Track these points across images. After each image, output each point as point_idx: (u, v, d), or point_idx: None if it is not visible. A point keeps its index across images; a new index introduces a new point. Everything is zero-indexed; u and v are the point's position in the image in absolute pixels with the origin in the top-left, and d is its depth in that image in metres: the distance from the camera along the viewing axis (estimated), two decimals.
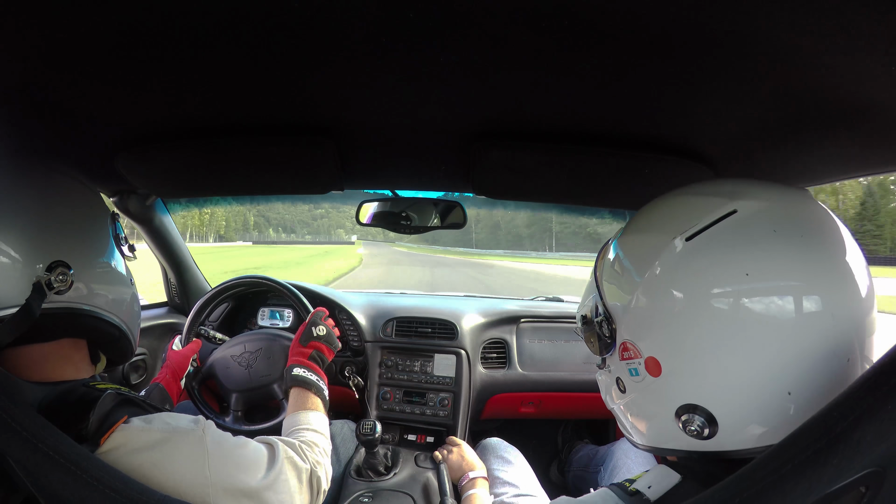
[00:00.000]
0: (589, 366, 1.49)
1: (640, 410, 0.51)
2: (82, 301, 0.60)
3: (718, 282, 0.41)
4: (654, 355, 0.45)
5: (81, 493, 0.40)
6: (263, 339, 1.23)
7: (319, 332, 0.96)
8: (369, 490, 1.06)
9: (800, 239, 0.41)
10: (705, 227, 0.43)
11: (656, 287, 0.45)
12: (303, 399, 0.83)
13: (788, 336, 0.39)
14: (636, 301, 0.47)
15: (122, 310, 0.67)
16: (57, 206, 0.61)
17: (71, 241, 0.61)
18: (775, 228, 0.41)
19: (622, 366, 0.50)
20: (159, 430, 0.54)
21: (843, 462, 0.28)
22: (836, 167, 0.75)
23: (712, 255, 0.42)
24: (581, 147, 0.80)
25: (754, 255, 0.41)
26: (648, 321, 0.46)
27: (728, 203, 0.44)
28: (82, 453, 0.43)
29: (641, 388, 0.48)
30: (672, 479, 0.46)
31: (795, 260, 0.41)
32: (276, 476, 0.60)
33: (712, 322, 0.41)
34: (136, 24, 0.49)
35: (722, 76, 0.56)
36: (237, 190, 1.16)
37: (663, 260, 0.45)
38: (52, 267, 0.57)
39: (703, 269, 0.42)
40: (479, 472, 1.05)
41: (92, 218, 0.66)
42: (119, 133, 0.81)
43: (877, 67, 0.48)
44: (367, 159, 0.95)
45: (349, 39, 0.53)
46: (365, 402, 1.41)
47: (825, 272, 0.41)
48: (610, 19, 0.46)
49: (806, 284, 0.40)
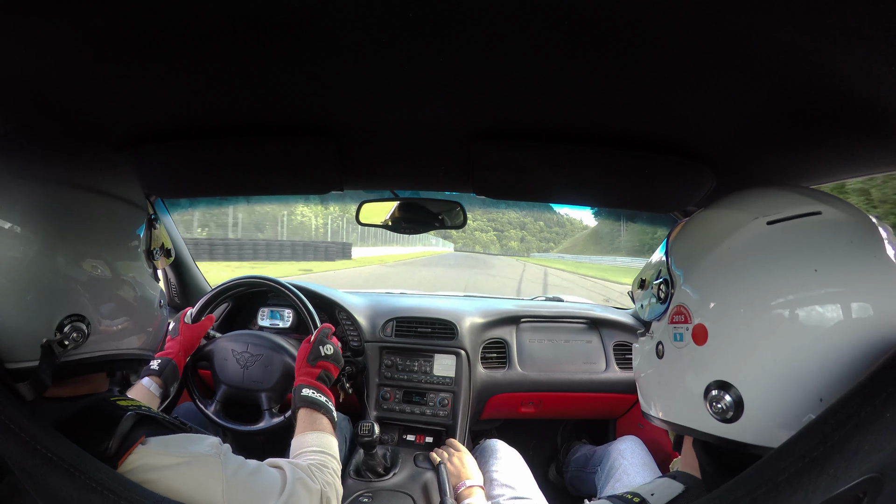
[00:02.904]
0: (589, 365, 1.49)
1: (670, 379, 0.51)
2: (102, 348, 0.57)
3: (787, 271, 0.42)
4: (704, 323, 0.46)
5: (80, 496, 0.40)
6: (267, 347, 1.24)
7: (327, 351, 0.95)
8: (369, 490, 1.06)
9: (872, 258, 0.42)
10: (789, 217, 0.45)
11: (725, 259, 0.47)
12: (312, 420, 0.82)
13: (835, 343, 0.40)
14: (702, 269, 0.49)
15: (147, 340, 0.64)
16: (74, 258, 0.54)
17: (89, 289, 0.55)
18: (852, 240, 0.43)
19: (668, 329, 0.52)
20: (176, 455, 0.54)
21: (840, 471, 0.27)
22: (836, 167, 0.75)
23: (788, 245, 0.44)
24: (581, 147, 0.80)
25: (828, 258, 0.42)
26: (709, 290, 0.47)
27: (815, 204, 0.45)
28: (81, 455, 0.43)
29: (680, 356, 0.49)
30: (675, 489, 0.47)
31: (864, 274, 0.41)
32: (288, 499, 0.60)
33: (770, 308, 0.42)
34: (136, 23, 0.49)
35: (722, 76, 0.56)
36: (237, 190, 1.16)
37: (740, 235, 0.46)
38: (62, 324, 0.52)
39: (775, 254, 0.44)
40: (475, 480, 1.05)
41: (116, 246, 0.59)
42: (119, 133, 0.81)
43: (877, 67, 0.48)
44: (367, 159, 0.95)
45: (349, 39, 0.53)
46: (365, 404, 1.41)
47: (889, 294, 0.41)
48: (609, 19, 0.46)
49: (867, 300, 0.41)
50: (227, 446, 0.60)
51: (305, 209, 26.19)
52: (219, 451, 0.58)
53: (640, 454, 1.21)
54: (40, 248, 0.51)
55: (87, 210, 0.56)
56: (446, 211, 1.18)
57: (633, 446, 1.24)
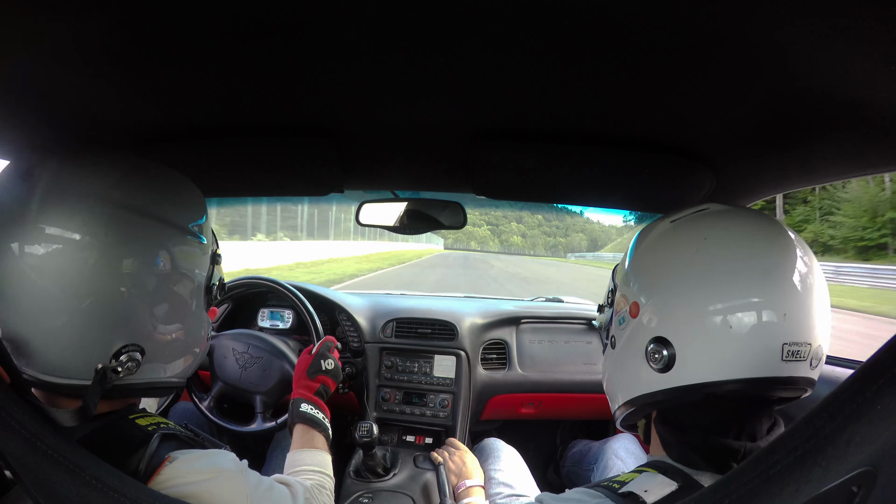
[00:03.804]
0: (589, 366, 1.49)
1: (622, 358, 0.62)
2: (148, 377, 0.58)
3: (683, 242, 0.57)
4: (636, 300, 0.59)
5: (80, 492, 0.40)
6: (267, 351, 1.24)
7: (328, 365, 0.94)
8: (369, 491, 1.06)
9: (741, 225, 0.57)
10: (686, 215, 0.60)
11: (644, 251, 0.63)
12: (309, 437, 0.82)
13: (724, 280, 0.52)
14: (630, 264, 0.63)
15: (187, 368, 0.65)
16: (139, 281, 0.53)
17: (149, 318, 0.55)
18: (730, 221, 0.57)
19: (615, 322, 0.64)
20: (201, 470, 0.54)
21: (832, 463, 0.27)
22: (835, 167, 0.75)
23: (683, 230, 0.59)
24: (581, 147, 0.80)
25: (715, 230, 0.56)
26: (635, 276, 0.61)
27: (705, 205, 0.61)
28: (81, 452, 0.43)
29: (624, 334, 0.61)
30: (668, 487, 0.48)
31: (743, 235, 0.55)
32: None
33: (677, 269, 0.56)
34: (136, 24, 0.50)
35: (721, 77, 0.56)
36: (237, 190, 1.16)
37: (654, 234, 0.63)
38: (120, 352, 0.53)
39: (676, 236, 0.59)
40: (475, 480, 1.04)
41: (179, 276, 0.59)
42: (119, 134, 0.82)
43: (876, 67, 0.48)
44: (367, 160, 0.95)
45: (349, 41, 0.53)
46: (364, 404, 1.41)
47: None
48: (609, 20, 0.47)
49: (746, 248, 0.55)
50: (245, 462, 0.60)
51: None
52: (241, 466, 0.59)
53: (635, 451, 1.20)
54: (107, 265, 0.51)
55: (146, 234, 0.55)
56: (446, 211, 1.18)
57: (627, 444, 1.24)
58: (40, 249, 0.49)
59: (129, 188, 0.55)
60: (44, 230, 0.49)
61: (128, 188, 0.55)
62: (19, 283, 0.49)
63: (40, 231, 0.49)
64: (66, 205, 0.50)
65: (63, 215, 0.50)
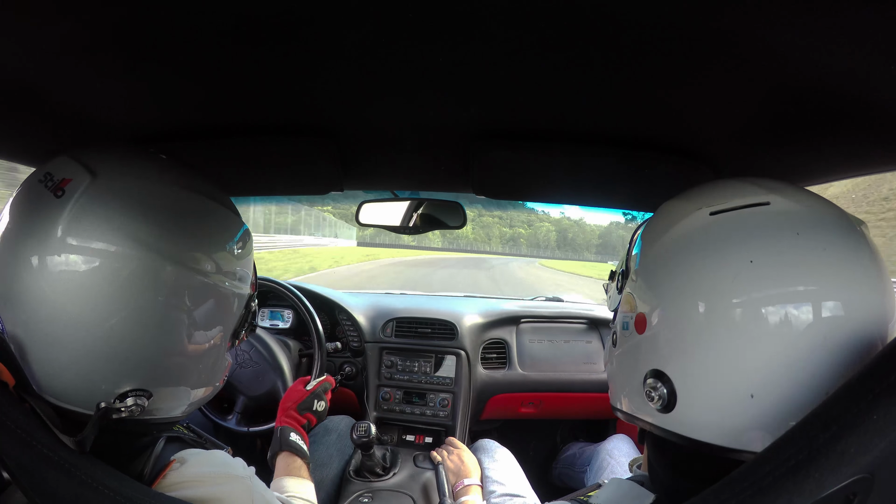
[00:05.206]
0: (589, 366, 1.49)
1: (620, 366, 0.51)
2: (150, 415, 0.54)
3: (721, 263, 0.40)
4: (644, 312, 0.45)
5: (76, 492, 0.39)
6: (267, 362, 1.25)
7: (319, 407, 0.98)
8: (369, 490, 1.06)
9: (822, 250, 0.39)
10: (732, 209, 0.43)
11: (665, 247, 0.46)
12: (295, 467, 0.85)
13: (772, 339, 0.38)
14: (648, 259, 0.48)
15: (193, 406, 0.61)
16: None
17: (163, 364, 0.52)
18: (799, 232, 0.40)
19: (620, 317, 0.52)
20: (210, 474, 0.54)
21: (826, 474, 0.27)
22: (835, 166, 0.75)
23: (726, 236, 0.41)
24: (581, 147, 0.80)
25: (766, 248, 0.39)
26: (650, 280, 0.46)
27: (765, 195, 0.43)
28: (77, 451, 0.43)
29: (626, 344, 0.49)
30: (645, 499, 0.45)
31: (808, 266, 0.39)
32: None
33: (700, 303, 0.40)
34: (134, 22, 0.49)
35: (721, 75, 0.56)
36: (237, 190, 1.16)
37: (682, 225, 0.45)
38: (126, 394, 0.49)
39: (711, 246, 0.42)
40: (473, 479, 1.05)
41: (206, 321, 0.55)
42: (118, 134, 0.82)
43: (876, 66, 0.48)
44: (367, 159, 0.95)
45: (349, 40, 0.53)
46: (364, 404, 1.41)
47: (840, 287, 0.38)
48: (608, 19, 0.46)
49: (812, 295, 0.38)
50: (252, 468, 0.60)
51: None
52: (249, 472, 0.59)
53: (630, 452, 1.20)
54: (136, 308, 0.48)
55: (176, 280, 0.51)
56: (446, 211, 1.18)
57: (621, 445, 1.24)
58: (67, 268, 0.46)
59: (169, 236, 0.51)
60: (70, 248, 0.46)
61: (169, 236, 0.51)
62: (40, 301, 0.46)
63: (69, 246, 0.46)
64: (98, 232, 0.47)
65: (92, 239, 0.46)
